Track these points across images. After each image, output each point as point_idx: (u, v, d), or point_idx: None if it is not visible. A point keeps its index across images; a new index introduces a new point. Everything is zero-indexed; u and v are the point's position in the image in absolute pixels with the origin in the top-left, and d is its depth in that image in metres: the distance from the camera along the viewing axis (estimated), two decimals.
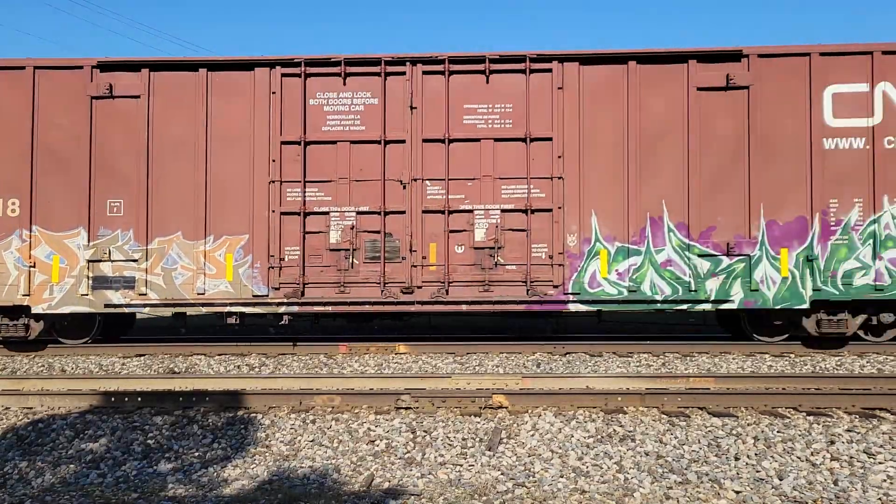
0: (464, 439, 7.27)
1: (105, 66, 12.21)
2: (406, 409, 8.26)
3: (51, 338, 13.03)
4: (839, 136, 11.72)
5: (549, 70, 12.06)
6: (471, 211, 12.10)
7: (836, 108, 11.73)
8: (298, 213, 12.17)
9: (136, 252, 12.14)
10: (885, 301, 11.97)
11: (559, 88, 12.05)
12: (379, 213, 12.13)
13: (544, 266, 12.03)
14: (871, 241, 11.72)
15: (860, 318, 12.26)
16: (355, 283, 12.19)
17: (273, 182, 12.15)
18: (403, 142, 12.16)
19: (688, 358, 12.09)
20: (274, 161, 12.16)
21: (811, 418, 7.77)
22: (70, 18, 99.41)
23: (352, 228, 12.14)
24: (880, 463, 6.46)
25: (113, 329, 14.12)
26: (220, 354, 12.86)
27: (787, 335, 12.76)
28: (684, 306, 12.05)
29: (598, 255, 11.97)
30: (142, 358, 12.65)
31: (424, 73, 12.18)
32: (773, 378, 9.78)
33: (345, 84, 12.25)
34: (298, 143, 12.18)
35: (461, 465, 6.60)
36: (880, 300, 11.90)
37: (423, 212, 12.11)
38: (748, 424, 7.58)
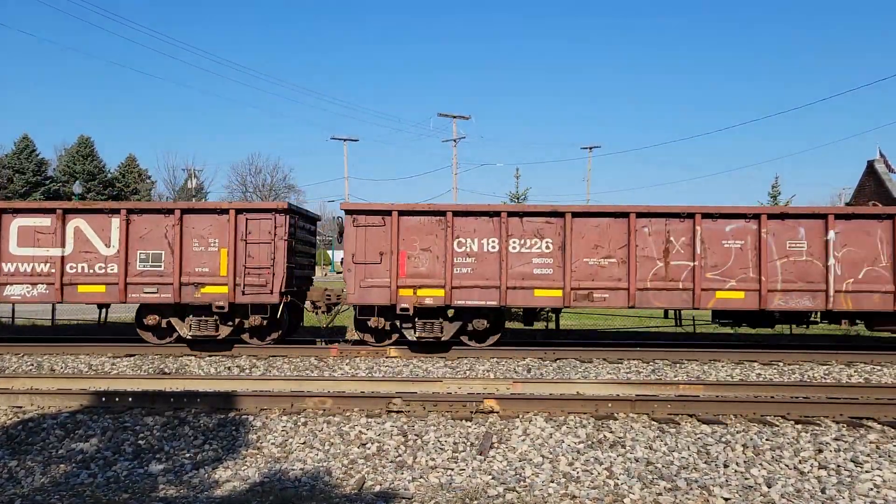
0: (455, 443, 7.29)
1: None
2: (397, 412, 8.27)
3: None
4: None
5: None
6: None
7: None
8: None
9: None
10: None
11: None
12: None
13: None
14: None
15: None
16: None
17: None
18: None
19: (677, 365, 12.16)
20: None
21: (799, 427, 7.84)
22: (52, 12, 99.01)
23: None
24: (867, 472, 6.52)
25: None
26: (210, 355, 12.83)
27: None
28: None
29: None
30: (132, 358, 12.60)
31: None
32: (761, 386, 9.87)
33: None
34: None
35: (452, 469, 6.62)
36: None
37: None
38: (737, 432, 7.63)
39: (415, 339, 12.82)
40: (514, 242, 12.70)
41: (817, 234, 12.59)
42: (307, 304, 13.89)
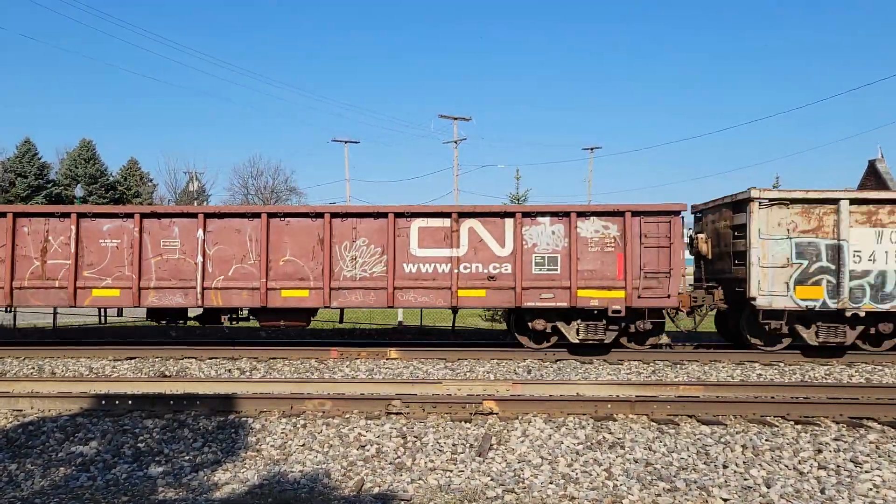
0: (454, 445, 7.29)
1: None
2: (397, 414, 8.27)
3: None
4: None
5: None
6: None
7: None
8: None
9: None
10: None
11: None
12: None
13: None
14: None
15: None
16: None
17: None
18: None
19: (678, 366, 12.15)
20: None
21: (799, 427, 7.83)
22: (54, 16, 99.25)
23: None
24: (866, 472, 6.51)
25: None
26: (211, 358, 12.84)
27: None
28: None
29: None
30: (132, 361, 12.62)
31: None
32: (762, 386, 9.86)
33: None
34: None
35: (451, 471, 6.62)
36: None
37: None
38: (737, 433, 7.63)
39: None
40: None
41: (190, 233, 12.79)
42: None
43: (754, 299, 12.27)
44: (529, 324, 12.79)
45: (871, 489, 6.16)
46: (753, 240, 12.26)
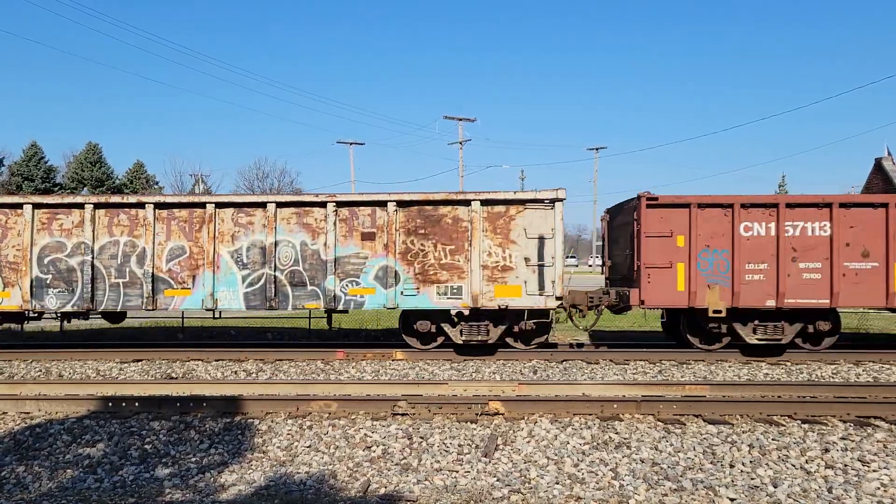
0: (460, 445, 7.29)
1: None
2: (403, 415, 8.27)
3: None
4: None
5: None
6: None
7: None
8: None
9: None
10: None
11: None
12: None
13: None
14: None
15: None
16: None
17: None
18: None
19: (684, 365, 12.12)
20: None
21: (806, 426, 7.80)
22: (57, 19, 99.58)
23: None
24: (874, 471, 6.49)
25: None
26: (217, 360, 12.87)
27: None
28: None
29: None
30: (139, 363, 12.66)
31: None
32: (768, 386, 9.83)
33: None
34: None
35: (457, 472, 6.62)
36: None
37: None
38: (743, 432, 7.61)
39: None
40: None
41: None
42: None
43: None
44: None
45: (878, 488, 6.13)
46: None
